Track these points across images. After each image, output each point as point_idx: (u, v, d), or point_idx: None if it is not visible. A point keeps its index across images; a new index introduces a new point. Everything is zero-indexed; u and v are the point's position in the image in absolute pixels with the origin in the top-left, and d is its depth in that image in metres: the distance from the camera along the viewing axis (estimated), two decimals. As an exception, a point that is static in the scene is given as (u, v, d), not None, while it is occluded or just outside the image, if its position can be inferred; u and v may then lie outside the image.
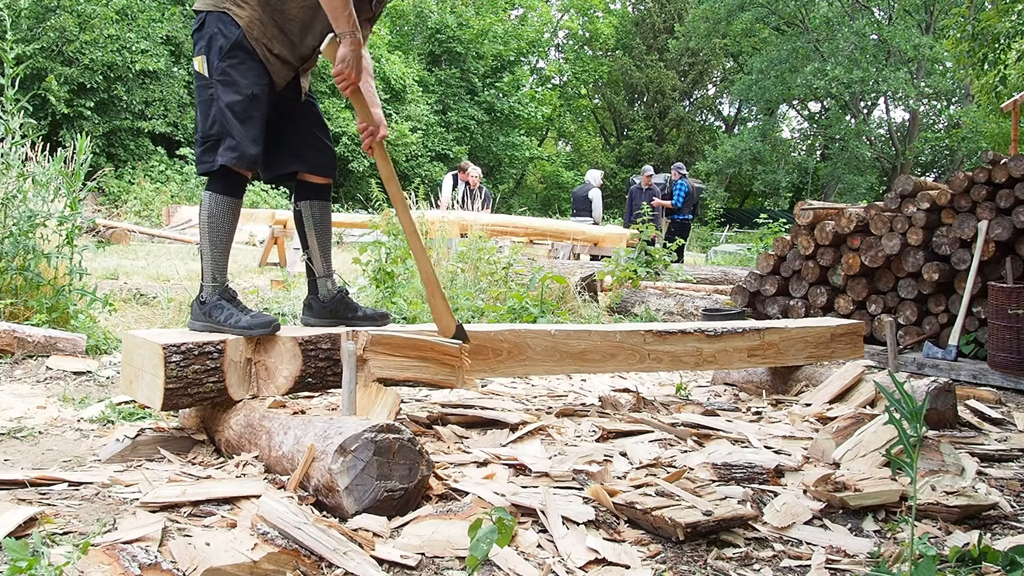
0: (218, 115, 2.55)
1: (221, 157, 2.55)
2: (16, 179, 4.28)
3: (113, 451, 2.44)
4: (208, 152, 2.59)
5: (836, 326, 3.80)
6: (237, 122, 2.54)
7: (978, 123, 27.91)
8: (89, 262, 4.71)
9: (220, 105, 2.55)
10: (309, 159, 2.79)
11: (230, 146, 2.54)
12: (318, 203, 2.84)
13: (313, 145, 2.79)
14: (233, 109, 2.54)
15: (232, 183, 2.63)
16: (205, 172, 2.61)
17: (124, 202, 17.27)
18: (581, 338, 3.08)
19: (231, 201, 2.62)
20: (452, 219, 7.37)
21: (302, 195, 2.84)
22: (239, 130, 2.54)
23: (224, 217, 2.61)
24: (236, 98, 2.54)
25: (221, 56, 2.55)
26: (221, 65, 2.55)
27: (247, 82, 2.56)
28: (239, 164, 2.56)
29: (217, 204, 2.60)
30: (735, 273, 8.64)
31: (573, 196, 13.25)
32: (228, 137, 2.54)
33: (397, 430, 1.99)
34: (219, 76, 2.55)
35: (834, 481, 2.31)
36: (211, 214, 2.60)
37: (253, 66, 2.58)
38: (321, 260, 2.87)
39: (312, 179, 2.82)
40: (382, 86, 25.25)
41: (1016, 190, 4.83)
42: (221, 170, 2.58)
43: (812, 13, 28.14)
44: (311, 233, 2.85)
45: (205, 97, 2.59)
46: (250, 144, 2.56)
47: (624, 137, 37.21)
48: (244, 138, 2.54)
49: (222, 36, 2.55)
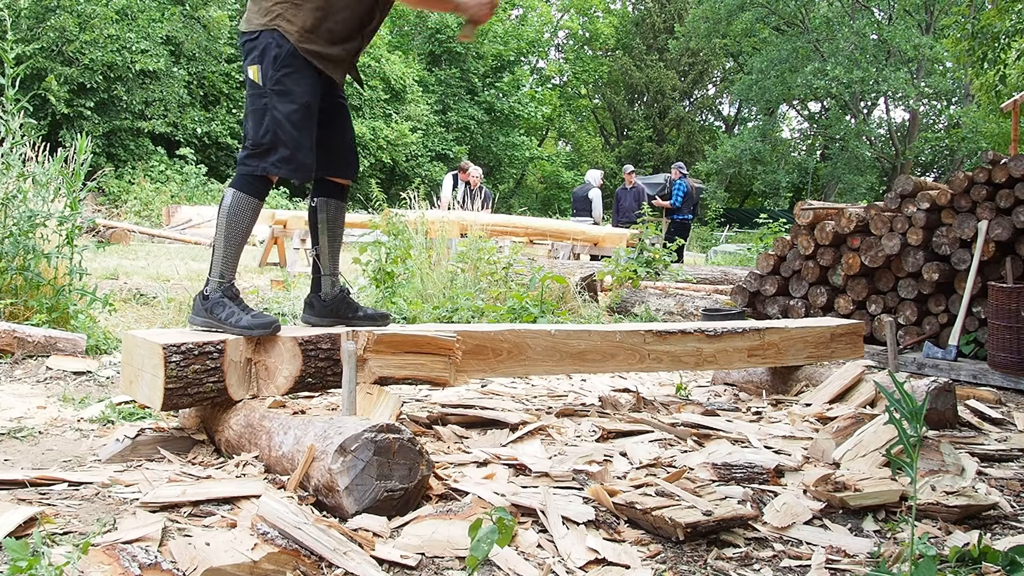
0: (272, 124, 2.57)
1: (273, 168, 2.59)
2: (16, 179, 4.28)
3: (113, 451, 2.44)
4: (255, 158, 2.61)
5: (836, 326, 3.80)
6: (295, 131, 2.57)
7: (978, 123, 27.92)
8: (89, 262, 4.71)
9: (276, 115, 2.57)
10: (337, 162, 2.83)
11: (284, 157, 2.57)
12: (335, 203, 2.86)
13: (341, 148, 2.83)
14: (290, 119, 2.57)
15: (262, 186, 2.66)
16: (246, 173, 2.63)
17: (124, 202, 17.27)
18: (581, 338, 3.08)
19: (255, 203, 2.65)
20: (452, 219, 7.37)
21: (321, 192, 2.86)
22: (295, 140, 2.57)
23: (245, 217, 2.63)
24: (292, 108, 2.57)
25: (275, 66, 2.57)
26: (276, 75, 2.58)
27: (301, 91, 2.59)
28: (294, 175, 2.62)
29: (241, 203, 2.62)
30: (735, 273, 8.63)
31: (573, 196, 13.25)
32: (282, 147, 2.57)
33: (397, 430, 1.99)
34: (273, 86, 2.58)
35: (834, 481, 2.31)
36: (233, 212, 2.61)
37: (307, 75, 2.61)
38: (329, 259, 2.89)
39: (334, 179, 2.86)
40: (382, 86, 25.27)
41: (1016, 190, 4.83)
42: (261, 176, 2.62)
43: (812, 13, 28.14)
44: (323, 231, 2.86)
45: (259, 106, 2.60)
46: (306, 153, 2.60)
47: (624, 137, 37.22)
48: (300, 148, 2.58)
49: (276, 46, 2.58)
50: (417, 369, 2.69)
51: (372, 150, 24.18)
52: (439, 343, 2.71)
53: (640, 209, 9.17)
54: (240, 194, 2.62)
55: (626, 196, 12.30)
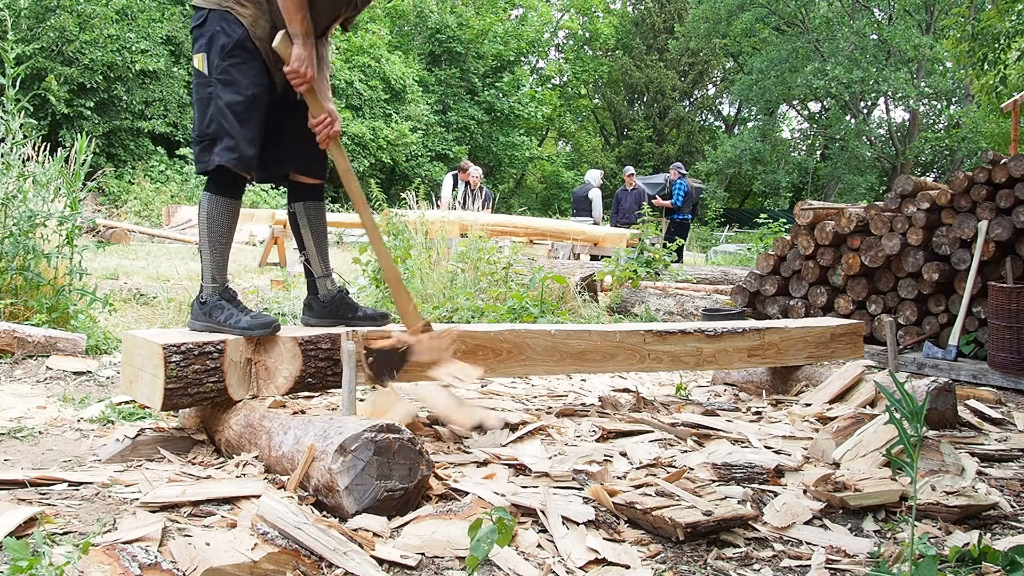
0: (216, 114, 2.54)
1: (218, 157, 2.53)
2: (16, 179, 4.28)
3: (113, 451, 2.44)
4: (205, 151, 2.57)
5: (836, 326, 3.80)
6: (237, 122, 2.52)
7: (978, 123, 27.90)
8: (89, 262, 4.71)
9: (219, 104, 2.53)
10: (302, 160, 2.78)
11: (228, 146, 2.52)
12: (312, 204, 2.83)
13: (306, 146, 2.76)
14: (233, 109, 2.52)
15: (230, 184, 2.62)
16: (203, 172, 2.60)
17: (124, 202, 17.27)
18: (581, 338, 3.08)
19: (229, 202, 2.62)
20: (452, 219, 7.37)
21: (296, 196, 2.83)
22: (238, 130, 2.52)
23: (222, 218, 2.60)
24: (236, 98, 2.53)
25: (222, 55, 2.53)
26: (222, 64, 2.53)
27: (248, 82, 2.54)
28: (237, 165, 2.54)
29: (215, 205, 2.59)
30: (735, 273, 8.63)
31: (573, 196, 13.25)
32: (226, 137, 2.52)
33: (397, 430, 1.99)
34: (219, 75, 2.54)
35: (834, 481, 2.31)
36: (209, 215, 2.59)
37: (255, 66, 2.57)
38: (319, 260, 2.87)
39: (305, 180, 2.81)
40: (382, 86, 25.25)
41: (1016, 190, 4.83)
42: (219, 171, 2.57)
43: (812, 13, 28.13)
44: (307, 234, 2.84)
45: (203, 95, 2.57)
46: (248, 145, 2.54)
47: (624, 137, 37.21)
48: (242, 139, 2.52)
49: (224, 35, 2.53)
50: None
51: (372, 150, 24.17)
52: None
53: (640, 210, 9.17)
54: (213, 196, 2.59)
55: (627, 197, 12.30)
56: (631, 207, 11.86)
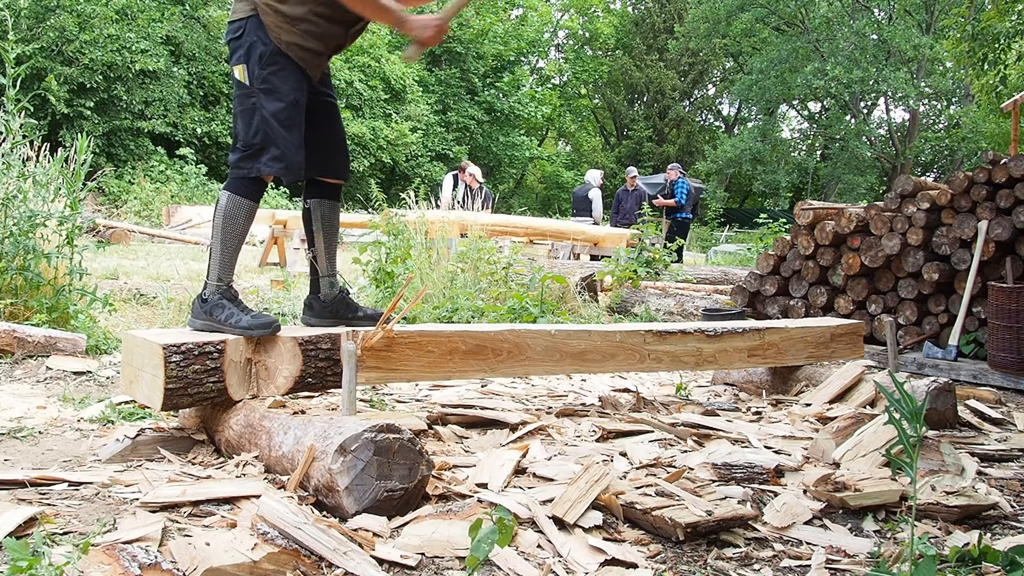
0: (262, 124, 2.56)
1: (266, 167, 2.57)
2: (16, 179, 4.28)
3: (113, 451, 2.44)
4: (248, 159, 2.60)
5: (836, 326, 3.80)
6: (283, 130, 2.55)
7: (978, 123, 27.91)
8: (89, 262, 4.71)
9: (264, 114, 2.55)
10: (328, 161, 2.81)
11: (275, 156, 2.56)
12: (328, 202, 2.85)
13: (331, 147, 2.80)
14: (278, 118, 2.55)
15: (256, 187, 2.64)
16: (241, 176, 2.62)
17: (124, 202, 17.26)
18: (581, 338, 3.08)
19: (250, 204, 2.64)
20: (452, 219, 7.37)
21: (313, 192, 2.84)
22: (284, 138, 2.55)
23: (240, 219, 2.62)
24: (280, 106, 2.56)
25: (262, 64, 2.56)
26: (262, 73, 2.56)
27: (288, 88, 2.57)
28: (286, 173, 2.59)
29: (236, 206, 2.61)
30: (735, 273, 8.63)
31: (573, 196, 13.25)
32: (272, 147, 2.56)
33: (397, 430, 1.99)
34: (261, 84, 2.56)
35: (834, 481, 2.31)
36: (227, 214, 2.60)
37: (293, 71, 2.59)
38: (326, 260, 2.88)
39: (326, 179, 2.84)
40: (382, 86, 25.26)
41: (1016, 190, 4.83)
42: (255, 177, 2.60)
43: (812, 13, 28.12)
44: (318, 232, 2.85)
45: (247, 106, 2.59)
46: (296, 151, 2.58)
47: (624, 137, 37.21)
48: (290, 146, 2.56)
49: (261, 44, 2.56)
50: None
51: (372, 150, 24.17)
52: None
53: (641, 211, 9.17)
54: (235, 197, 2.61)
55: (628, 198, 12.30)
56: (632, 207, 11.86)
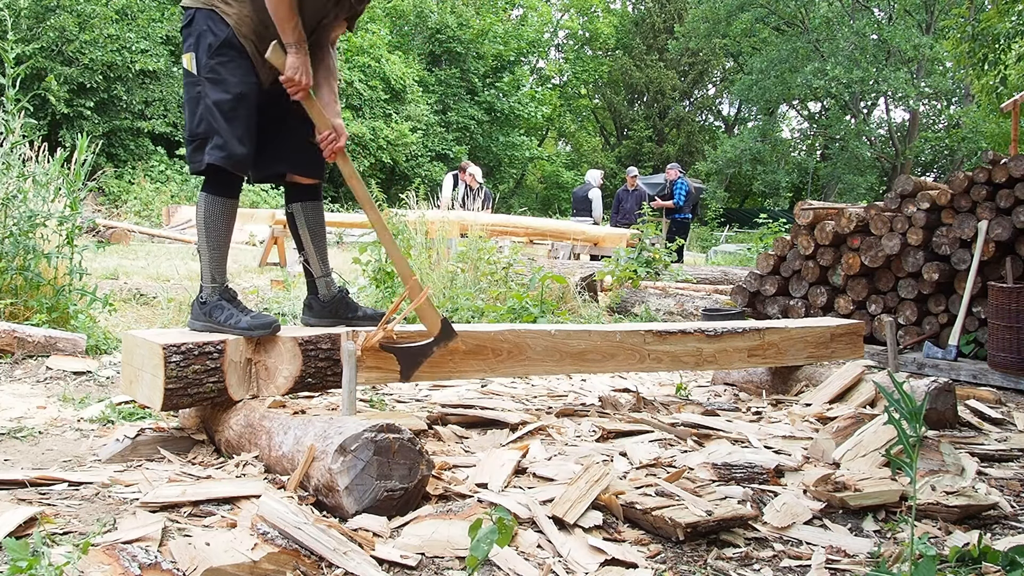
0: (205, 113, 2.54)
1: (209, 156, 2.53)
2: (16, 179, 4.28)
3: (113, 451, 2.44)
4: (197, 151, 2.57)
5: (836, 326, 3.80)
6: (224, 121, 2.52)
7: (978, 123, 27.90)
8: (89, 262, 4.71)
9: (207, 103, 2.53)
10: (297, 159, 2.77)
11: (217, 145, 2.52)
12: (310, 203, 2.83)
13: (301, 145, 2.75)
14: (221, 108, 2.52)
15: (225, 184, 2.61)
16: (196, 172, 2.60)
17: (124, 202, 17.26)
18: (581, 338, 3.08)
19: (226, 202, 2.61)
20: (452, 219, 7.37)
21: (293, 197, 2.82)
22: (226, 129, 2.52)
23: (220, 218, 2.60)
24: (224, 96, 2.53)
25: (210, 54, 2.53)
26: (210, 63, 2.53)
27: (235, 80, 2.54)
28: (227, 163, 2.54)
29: (212, 205, 2.59)
30: (735, 273, 8.63)
31: (573, 196, 13.25)
32: (215, 135, 2.52)
33: (397, 430, 1.99)
34: (207, 74, 2.54)
35: (834, 481, 2.31)
36: (207, 215, 2.59)
37: (242, 64, 2.56)
38: (318, 260, 2.86)
39: (301, 180, 2.81)
40: (382, 86, 25.24)
41: (1016, 190, 4.83)
42: (212, 170, 2.57)
43: (812, 13, 28.11)
44: (305, 234, 2.84)
45: (193, 95, 2.57)
46: (237, 143, 2.53)
47: (624, 137, 37.21)
48: (231, 137, 2.52)
49: (211, 33, 2.54)
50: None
51: (372, 150, 24.16)
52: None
53: (641, 211, 9.18)
54: (210, 196, 2.59)
55: (628, 198, 12.30)
56: (632, 207, 11.86)
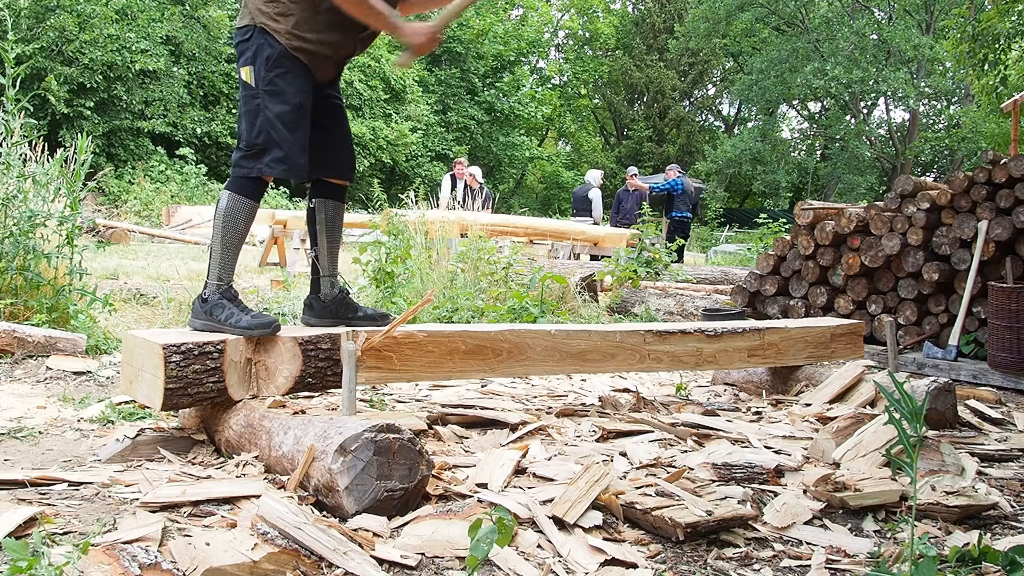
0: (265, 125, 2.58)
1: (267, 168, 2.59)
2: (16, 179, 4.28)
3: (113, 451, 2.44)
4: (250, 159, 2.61)
5: (836, 326, 3.80)
6: (287, 132, 2.58)
7: (978, 123, 27.90)
8: (89, 262, 4.71)
9: (268, 115, 2.58)
10: (333, 162, 2.83)
11: (278, 157, 2.58)
12: (332, 203, 2.87)
13: (338, 149, 2.83)
14: (283, 119, 2.57)
15: (257, 188, 2.66)
16: (242, 176, 2.63)
17: (124, 202, 17.27)
18: (581, 338, 3.08)
19: (251, 204, 2.65)
20: (452, 219, 7.37)
21: (319, 192, 2.86)
22: (288, 140, 2.58)
23: (241, 219, 2.63)
24: (284, 108, 2.58)
25: (268, 66, 2.58)
26: (268, 75, 2.58)
27: (293, 90, 2.60)
28: (289, 175, 2.62)
29: (237, 205, 2.62)
30: (735, 273, 8.63)
31: (573, 196, 13.25)
32: (275, 148, 2.58)
33: (397, 430, 1.99)
34: (266, 86, 2.58)
35: (834, 481, 2.31)
36: (229, 214, 2.61)
37: (299, 75, 2.62)
38: (328, 260, 2.89)
39: (331, 180, 2.86)
40: (382, 86, 25.26)
41: (1016, 190, 4.83)
42: (256, 177, 2.62)
43: (812, 13, 28.13)
44: (322, 232, 2.87)
45: (252, 107, 2.61)
46: (300, 153, 2.60)
47: (624, 137, 37.22)
48: (293, 148, 2.59)
49: (268, 46, 2.59)
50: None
51: (372, 150, 24.17)
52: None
53: (641, 210, 9.18)
54: (235, 196, 2.62)
55: (628, 198, 12.31)
56: (632, 207, 11.86)
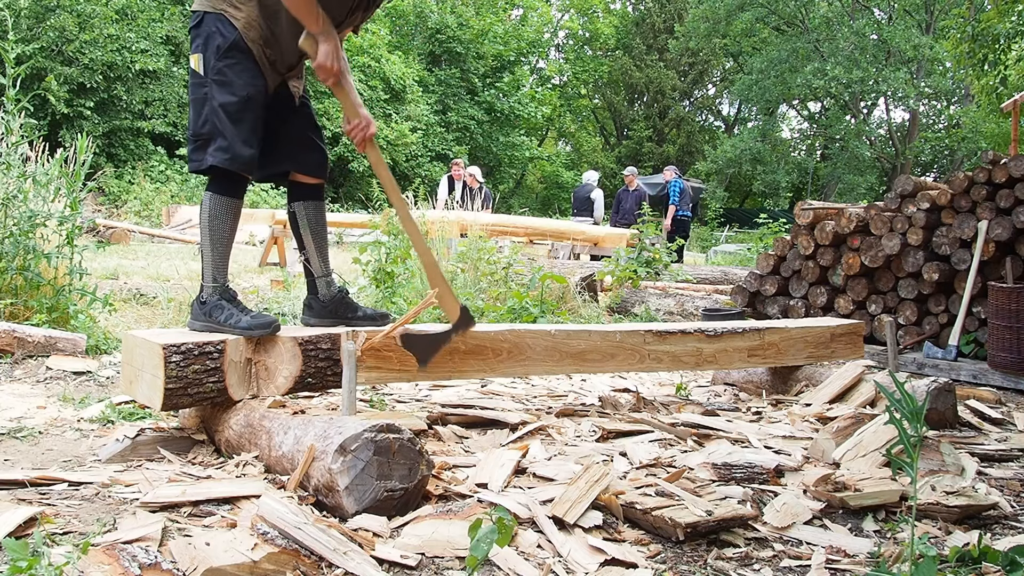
0: (211, 114, 2.55)
1: (211, 157, 2.54)
2: (16, 179, 4.28)
3: (113, 451, 2.44)
4: (198, 151, 2.58)
5: (836, 326, 3.80)
6: (230, 123, 2.53)
7: (978, 123, 27.90)
8: (89, 262, 4.71)
9: (214, 104, 2.54)
10: (300, 159, 2.79)
11: (221, 147, 2.53)
12: (312, 203, 2.84)
13: (304, 145, 2.78)
14: (227, 110, 2.53)
15: (231, 184, 2.62)
16: (196, 170, 2.61)
17: (124, 202, 17.27)
18: (581, 338, 3.08)
19: (231, 202, 2.62)
20: (452, 219, 7.37)
21: (295, 196, 2.83)
22: (232, 131, 2.53)
23: (224, 218, 2.61)
24: (230, 99, 2.54)
25: (218, 55, 2.54)
26: (218, 64, 2.54)
27: (242, 82, 2.55)
28: (231, 165, 2.55)
29: (216, 204, 2.60)
30: (735, 273, 8.63)
31: (574, 196, 13.26)
32: (220, 137, 2.53)
33: (397, 430, 1.99)
34: (215, 75, 2.55)
35: (834, 481, 2.31)
36: (211, 215, 2.60)
37: (249, 67, 2.57)
38: (319, 260, 2.87)
39: (304, 179, 2.82)
40: (382, 86, 25.24)
41: (1016, 190, 4.83)
42: (217, 171, 2.58)
43: (812, 13, 28.12)
44: (306, 234, 2.85)
45: (199, 95, 2.58)
46: (242, 146, 2.55)
47: (624, 137, 37.21)
48: (236, 139, 2.53)
49: (220, 35, 2.55)
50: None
51: (372, 150, 24.13)
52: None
53: (640, 210, 9.19)
54: (215, 196, 2.60)
55: (627, 198, 12.32)
56: (632, 207, 11.87)
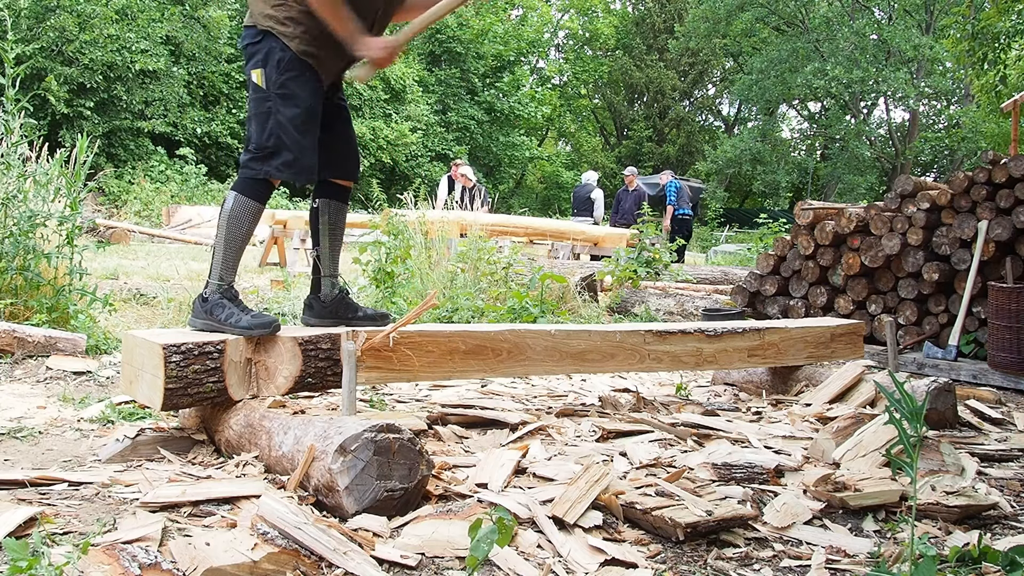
0: (276, 128, 2.59)
1: (276, 172, 2.61)
2: (16, 179, 4.28)
3: (113, 451, 2.44)
4: (258, 161, 2.62)
5: (836, 326, 3.80)
6: (298, 135, 2.59)
7: (978, 123, 27.90)
8: (89, 262, 4.71)
9: (279, 119, 2.58)
10: (339, 163, 2.84)
11: (287, 161, 2.59)
12: (336, 204, 2.88)
13: (344, 152, 2.85)
14: (294, 123, 2.58)
15: (264, 190, 2.67)
16: (249, 177, 2.64)
17: (124, 202, 17.27)
18: (581, 338, 3.08)
19: (255, 206, 2.65)
20: (452, 219, 7.37)
21: (322, 193, 2.87)
22: (299, 144, 2.59)
23: (244, 220, 2.64)
24: (296, 111, 2.59)
25: (279, 70, 2.59)
26: (280, 79, 2.59)
27: (305, 95, 2.61)
28: (297, 178, 2.64)
29: (242, 207, 2.63)
30: (735, 273, 8.63)
31: (574, 196, 13.26)
32: (286, 151, 2.59)
33: (397, 430, 1.99)
34: (278, 90, 2.59)
35: (834, 481, 2.31)
36: (234, 215, 2.62)
37: (310, 78, 2.63)
38: (329, 260, 2.90)
39: (336, 181, 2.87)
40: (382, 86, 25.26)
41: (1016, 190, 4.83)
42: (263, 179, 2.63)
43: (812, 13, 28.13)
44: (325, 232, 2.88)
45: (263, 109, 2.62)
46: (309, 156, 2.62)
47: (624, 137, 37.22)
48: (304, 151, 2.60)
49: (280, 49, 2.59)
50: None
51: (372, 150, 24.17)
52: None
53: (640, 210, 9.19)
54: (242, 198, 2.63)
55: (627, 198, 12.34)
56: (631, 207, 11.88)
